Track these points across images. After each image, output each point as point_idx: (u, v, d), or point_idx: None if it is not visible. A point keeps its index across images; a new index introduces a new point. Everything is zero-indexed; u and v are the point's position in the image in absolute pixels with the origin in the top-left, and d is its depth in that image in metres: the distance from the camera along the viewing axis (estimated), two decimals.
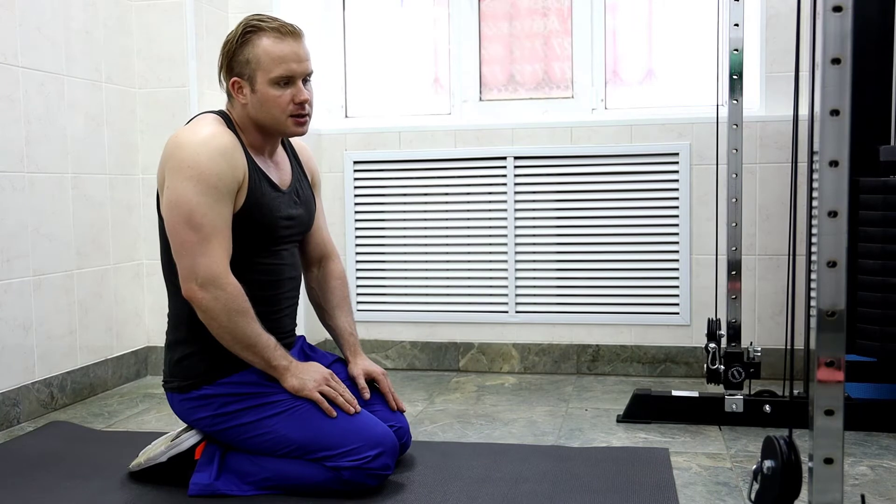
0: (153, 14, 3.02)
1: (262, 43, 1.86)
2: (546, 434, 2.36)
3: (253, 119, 1.92)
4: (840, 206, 1.20)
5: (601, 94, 3.21)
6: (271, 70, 1.86)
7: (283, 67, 1.86)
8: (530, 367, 3.18)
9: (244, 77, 1.89)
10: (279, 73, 1.86)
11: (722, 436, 2.30)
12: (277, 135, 1.96)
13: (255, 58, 1.86)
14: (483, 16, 3.31)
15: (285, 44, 1.87)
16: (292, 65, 1.87)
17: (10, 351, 2.50)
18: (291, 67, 1.87)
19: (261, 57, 1.86)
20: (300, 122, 1.92)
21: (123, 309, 3.03)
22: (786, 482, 1.44)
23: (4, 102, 2.47)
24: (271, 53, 1.85)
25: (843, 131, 1.19)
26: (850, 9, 1.18)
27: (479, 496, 1.85)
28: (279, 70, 1.86)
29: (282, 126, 1.91)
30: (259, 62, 1.86)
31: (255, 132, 1.94)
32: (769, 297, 2.97)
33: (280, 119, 1.90)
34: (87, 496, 1.90)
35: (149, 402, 2.77)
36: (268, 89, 1.87)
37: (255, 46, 1.86)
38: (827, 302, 1.22)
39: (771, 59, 2.95)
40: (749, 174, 2.93)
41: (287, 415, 1.86)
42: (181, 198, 1.80)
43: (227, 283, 1.82)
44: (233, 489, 1.87)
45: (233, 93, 1.92)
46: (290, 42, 1.87)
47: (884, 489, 1.88)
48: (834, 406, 1.23)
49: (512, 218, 3.15)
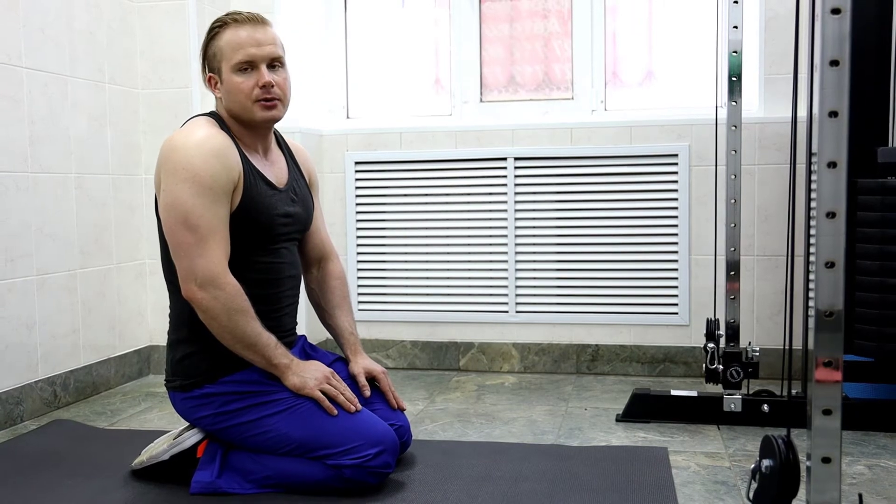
0: (156, 15, 3.04)
1: (225, 35, 1.91)
2: (546, 433, 2.37)
3: (230, 112, 1.94)
4: (838, 207, 1.20)
5: (601, 95, 3.22)
6: (232, 58, 1.89)
7: (242, 53, 1.89)
8: (530, 366, 3.19)
9: (215, 71, 1.94)
10: (238, 59, 1.89)
11: (720, 435, 2.31)
12: (252, 124, 1.95)
13: (219, 50, 1.92)
14: (484, 17, 3.32)
15: (243, 30, 1.90)
16: (250, 49, 1.89)
17: (14, 349, 2.52)
18: (250, 52, 1.89)
19: (223, 47, 1.91)
20: (267, 106, 1.92)
21: (126, 308, 3.04)
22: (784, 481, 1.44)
23: (8, 103, 2.49)
24: (230, 42, 1.90)
25: (842, 133, 1.20)
26: (849, 11, 1.18)
27: (479, 495, 1.86)
28: (238, 56, 1.89)
29: (249, 112, 1.92)
30: (222, 53, 1.91)
31: (239, 127, 1.96)
32: (768, 297, 2.98)
33: (247, 105, 1.91)
34: (89, 494, 1.91)
35: (151, 401, 2.78)
36: (232, 77, 1.90)
37: (219, 39, 1.92)
38: (825, 302, 1.22)
39: (770, 61, 2.96)
40: (748, 175, 2.94)
41: (288, 413, 1.87)
42: (177, 200, 1.82)
43: (225, 283, 1.83)
44: (234, 487, 1.88)
45: (211, 89, 1.97)
46: (247, 28, 1.90)
47: (881, 488, 1.89)
48: (832, 406, 1.23)
49: (512, 218, 3.16)
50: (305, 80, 3.25)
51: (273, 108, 1.93)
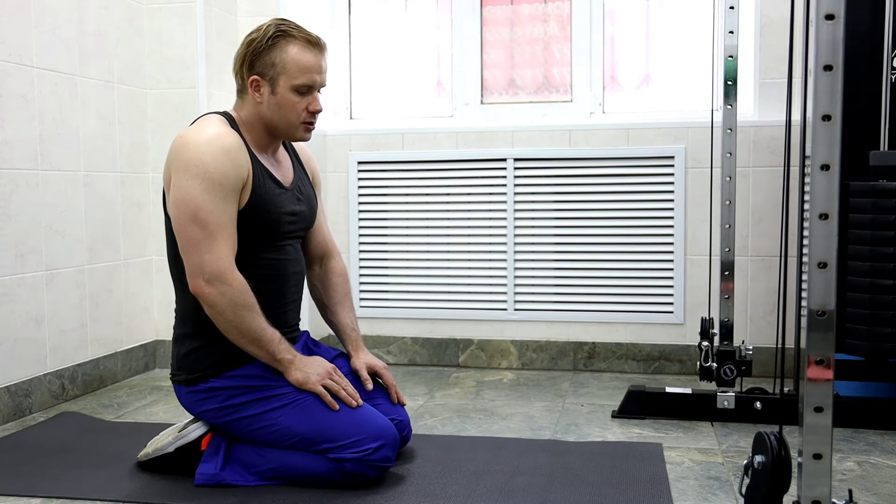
0: (164, 17, 3.06)
1: (290, 49, 1.91)
2: (543, 428, 2.39)
3: (264, 119, 1.96)
4: (831, 208, 1.21)
5: (599, 98, 3.25)
6: (296, 77, 1.91)
7: (307, 77, 1.92)
8: (528, 363, 3.22)
9: (265, 77, 1.93)
10: (302, 82, 1.92)
11: (714, 431, 2.32)
12: (285, 138, 2.01)
13: (281, 62, 1.91)
14: (485, 21, 3.35)
15: (312, 54, 1.93)
16: (315, 76, 1.93)
17: (23, 343, 2.55)
18: (314, 78, 1.93)
19: (287, 62, 1.91)
20: (309, 129, 1.99)
21: (133, 303, 3.07)
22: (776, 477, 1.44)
23: (19, 102, 2.52)
24: (298, 61, 1.91)
25: (835, 136, 1.20)
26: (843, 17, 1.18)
27: (478, 488, 1.88)
28: (303, 78, 1.92)
29: (292, 130, 1.97)
30: (285, 67, 1.91)
31: (262, 132, 1.98)
32: (761, 297, 3.01)
33: (293, 124, 1.95)
34: (96, 484, 1.93)
35: (157, 394, 2.81)
36: (288, 94, 1.92)
37: (283, 51, 1.91)
38: (817, 302, 1.22)
39: (764, 66, 2.99)
40: (742, 177, 2.97)
41: (291, 407, 1.89)
42: (187, 196, 1.83)
43: (232, 279, 1.85)
44: (238, 479, 1.89)
45: (249, 89, 1.95)
46: (316, 53, 1.94)
47: (870, 484, 1.91)
48: (823, 403, 1.24)
49: (511, 218, 3.19)
50: None
51: (311, 131, 2.01)
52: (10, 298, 2.50)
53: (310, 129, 1.99)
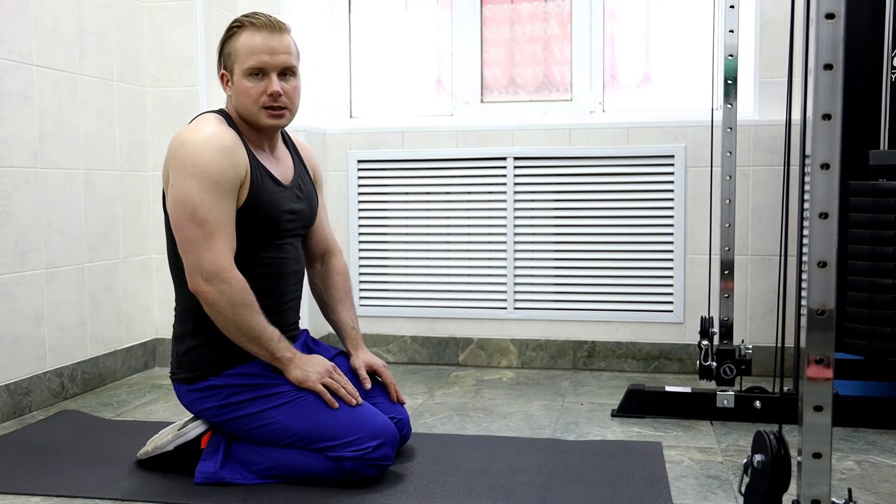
0: (164, 15, 3.07)
1: (241, 36, 1.93)
2: (542, 427, 2.40)
3: (238, 111, 1.96)
4: (831, 208, 1.21)
5: (599, 97, 3.25)
6: (244, 61, 1.91)
7: (254, 59, 1.91)
8: (528, 362, 3.22)
9: (228, 69, 1.96)
10: (250, 65, 1.91)
11: (713, 430, 2.33)
12: (256, 126, 1.97)
13: (234, 50, 1.93)
14: (485, 20, 3.35)
15: (259, 36, 1.92)
16: (263, 56, 1.91)
17: (23, 341, 2.55)
18: (262, 59, 1.91)
19: (238, 49, 1.92)
20: (273, 115, 1.94)
21: (132, 302, 3.07)
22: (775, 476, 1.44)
23: (19, 100, 2.52)
24: (245, 45, 1.91)
25: (835, 135, 1.20)
26: (843, 16, 1.18)
27: (477, 487, 1.88)
28: (251, 61, 1.91)
29: (255, 117, 1.94)
30: (237, 54, 1.92)
31: (247, 126, 1.97)
32: (761, 296, 3.01)
33: (252, 110, 1.93)
34: (96, 483, 1.93)
35: (156, 393, 2.81)
36: (242, 80, 1.92)
37: (236, 40, 1.93)
38: (817, 301, 1.22)
39: (764, 65, 2.99)
40: (742, 176, 2.97)
41: (290, 406, 1.89)
42: (185, 195, 1.84)
43: (231, 277, 1.85)
44: (237, 478, 1.89)
45: (223, 86, 1.99)
46: (264, 34, 1.92)
47: (870, 483, 1.91)
48: (823, 402, 1.24)
49: (511, 217, 3.20)
50: (310, 80, 3.28)
51: (279, 116, 1.95)
52: (10, 297, 2.50)
53: (275, 115, 1.94)
